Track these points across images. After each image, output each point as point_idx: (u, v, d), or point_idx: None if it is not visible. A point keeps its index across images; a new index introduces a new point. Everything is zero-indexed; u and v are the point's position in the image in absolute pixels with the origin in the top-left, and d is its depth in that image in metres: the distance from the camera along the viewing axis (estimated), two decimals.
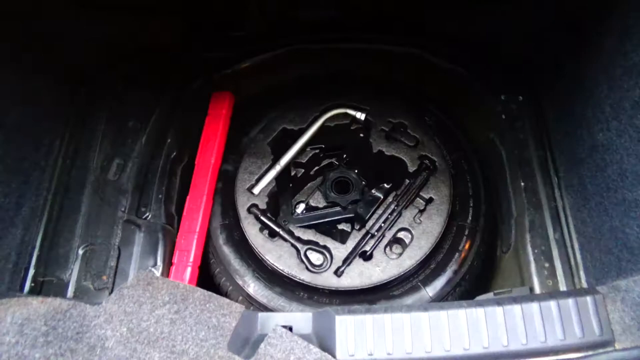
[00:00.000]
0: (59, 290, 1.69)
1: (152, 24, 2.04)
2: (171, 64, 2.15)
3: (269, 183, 1.95)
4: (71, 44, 1.93)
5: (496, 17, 1.94)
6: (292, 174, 2.05)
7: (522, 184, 1.82)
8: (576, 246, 1.67)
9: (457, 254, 1.83)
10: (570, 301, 1.24)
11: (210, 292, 1.33)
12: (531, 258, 1.68)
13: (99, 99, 2.05)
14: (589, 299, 1.25)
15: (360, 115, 2.04)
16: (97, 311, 1.25)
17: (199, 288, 1.33)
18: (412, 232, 1.82)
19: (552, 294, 1.32)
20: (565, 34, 1.78)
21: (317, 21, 2.14)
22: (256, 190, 1.94)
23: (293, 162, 2.05)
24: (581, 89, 1.66)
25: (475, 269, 1.85)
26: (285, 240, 1.82)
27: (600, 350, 1.20)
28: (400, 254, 1.79)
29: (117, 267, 1.71)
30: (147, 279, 1.34)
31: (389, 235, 1.83)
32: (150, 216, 1.82)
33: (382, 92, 2.17)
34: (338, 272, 1.76)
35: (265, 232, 1.87)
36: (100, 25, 1.96)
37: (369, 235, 1.83)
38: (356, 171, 2.02)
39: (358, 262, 1.79)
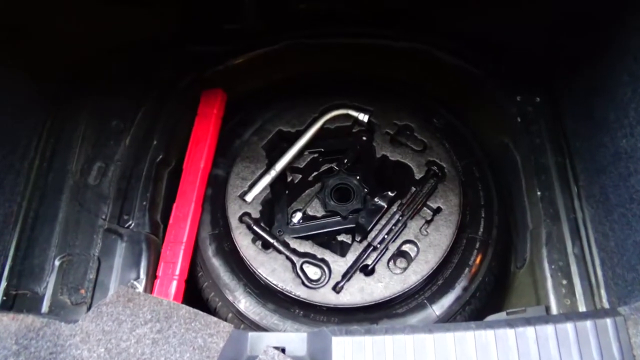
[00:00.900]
0: (33, 305, 1.69)
1: (142, 15, 2.04)
2: (159, 58, 2.15)
3: (263, 190, 1.95)
4: (52, 37, 1.93)
5: (510, 12, 1.94)
6: (289, 180, 2.05)
7: (539, 193, 1.82)
8: (597, 262, 1.67)
9: (467, 269, 1.83)
10: (588, 323, 1.24)
11: (196, 310, 1.33)
12: (548, 274, 1.68)
13: (80, 97, 2.06)
14: (609, 321, 1.24)
15: (363, 117, 2.04)
16: (73, 330, 1.25)
17: (184, 305, 1.33)
18: (418, 244, 1.82)
19: (569, 315, 1.32)
20: (585, 30, 1.78)
21: (318, 14, 2.14)
22: (249, 198, 1.93)
23: (289, 167, 2.05)
24: (603, 91, 1.65)
25: (486, 286, 1.85)
26: (280, 252, 1.82)
27: None
28: (405, 269, 1.79)
29: (96, 280, 1.71)
30: (128, 294, 1.34)
31: (392, 248, 1.83)
32: (133, 225, 1.82)
33: (387, 92, 2.17)
34: (337, 288, 1.76)
35: (258, 243, 1.86)
36: (84, 17, 1.96)
37: (371, 247, 1.83)
38: (358, 177, 2.02)
39: (359, 277, 1.78)
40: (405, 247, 1.84)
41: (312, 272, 1.79)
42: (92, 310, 1.29)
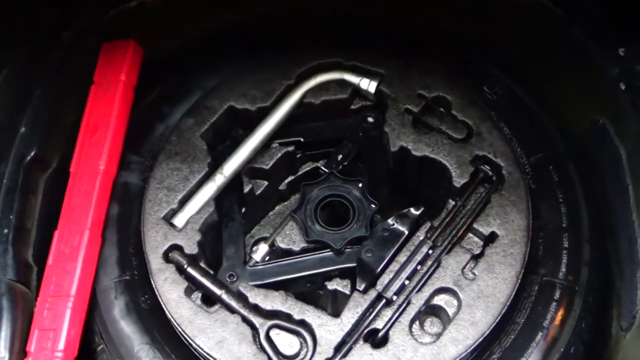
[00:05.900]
0: None
1: None
2: None
3: (204, 207, 1.94)
4: None
5: None
6: (246, 190, 2.05)
7: None
8: None
9: (540, 333, 1.84)
10: None
11: None
12: None
13: None
14: None
15: (369, 85, 2.04)
16: None
17: None
18: (460, 295, 1.81)
19: None
20: None
21: None
22: (180, 221, 1.92)
23: (248, 169, 2.04)
24: None
25: (572, 359, 1.86)
26: (233, 310, 1.81)
27: None
28: (439, 335, 1.78)
29: None
30: None
31: (418, 302, 1.82)
32: None
33: (408, 44, 2.18)
34: None
35: (197, 295, 1.86)
36: None
37: (383, 301, 1.82)
38: (360, 185, 2.01)
39: (363, 350, 1.77)
40: (439, 300, 1.83)
41: (286, 342, 1.78)
42: None
